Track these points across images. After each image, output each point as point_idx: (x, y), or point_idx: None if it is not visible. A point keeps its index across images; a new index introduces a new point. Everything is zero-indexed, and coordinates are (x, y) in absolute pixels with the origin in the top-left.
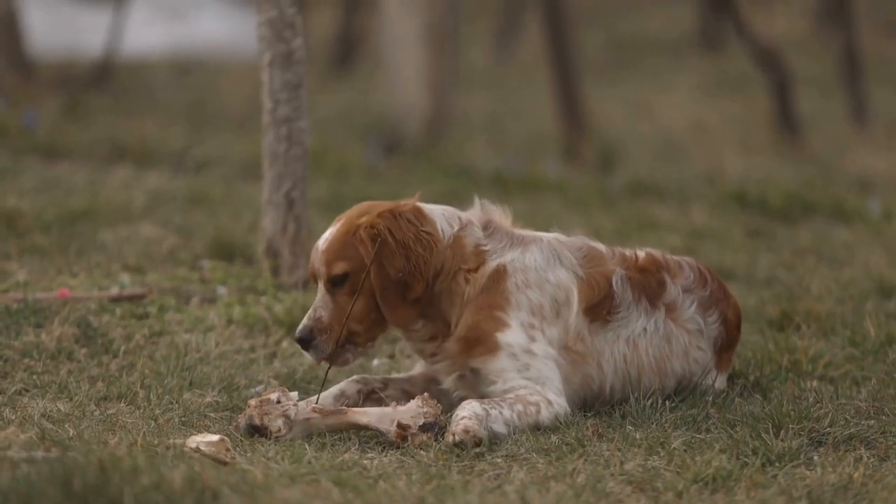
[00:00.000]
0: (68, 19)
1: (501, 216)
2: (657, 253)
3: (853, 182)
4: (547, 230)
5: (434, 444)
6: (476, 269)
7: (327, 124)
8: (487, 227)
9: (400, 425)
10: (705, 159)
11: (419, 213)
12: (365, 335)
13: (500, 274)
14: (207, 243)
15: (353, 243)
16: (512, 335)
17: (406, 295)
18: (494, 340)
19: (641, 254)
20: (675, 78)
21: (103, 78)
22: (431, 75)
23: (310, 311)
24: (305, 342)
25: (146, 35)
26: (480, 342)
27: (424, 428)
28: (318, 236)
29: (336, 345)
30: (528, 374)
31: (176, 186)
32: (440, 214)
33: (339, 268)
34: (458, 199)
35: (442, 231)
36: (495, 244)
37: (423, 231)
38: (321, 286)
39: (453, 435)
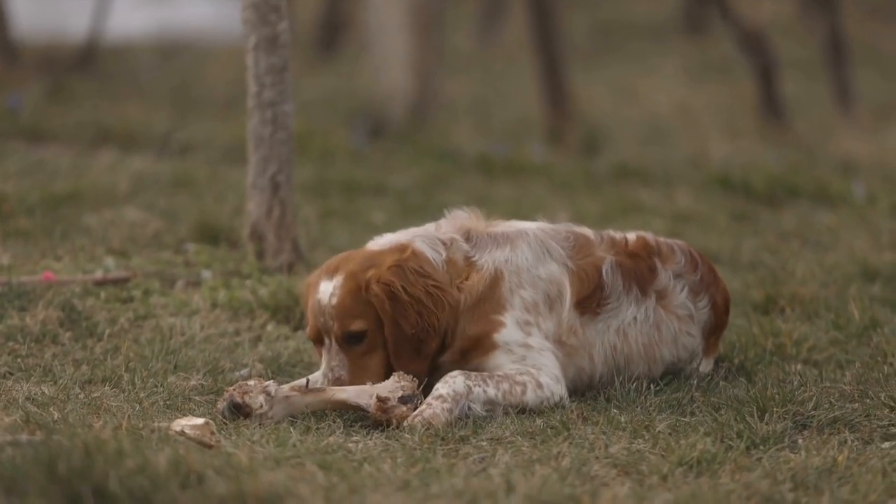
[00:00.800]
0: (53, 2)
1: (475, 219)
2: (649, 236)
3: (837, 166)
4: (529, 217)
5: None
6: (467, 278)
7: (312, 108)
8: (469, 237)
9: (379, 398)
10: (690, 143)
11: (421, 260)
12: None
13: (495, 280)
14: (192, 227)
15: (366, 300)
16: (508, 333)
17: (420, 350)
18: (491, 341)
19: (632, 237)
20: (659, 62)
21: (88, 61)
22: (416, 59)
23: (325, 371)
24: None
25: (131, 18)
26: (478, 345)
27: (403, 400)
28: (303, 220)
29: None
30: (524, 362)
31: (160, 170)
32: (428, 247)
33: (358, 325)
34: (444, 183)
35: (435, 263)
36: (481, 251)
37: (432, 285)
38: (332, 345)
39: (418, 419)
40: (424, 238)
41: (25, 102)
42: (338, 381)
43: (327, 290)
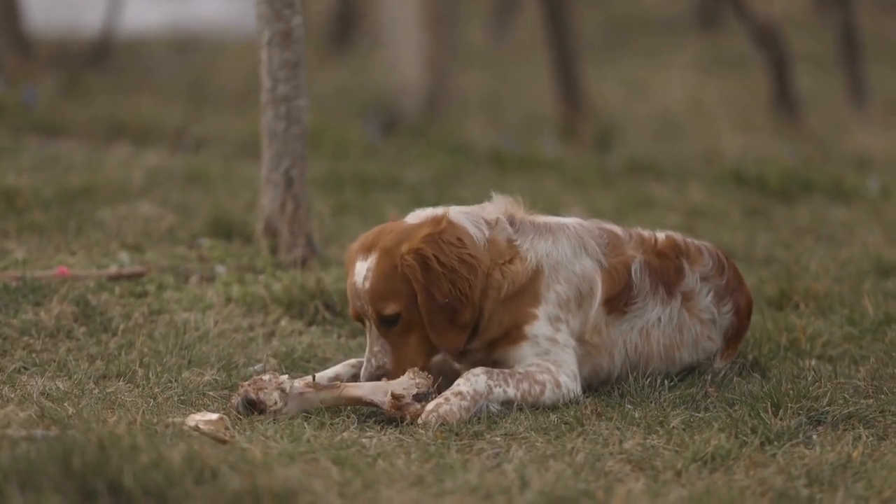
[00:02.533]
0: None
1: (518, 206)
2: (678, 236)
3: (851, 161)
4: (550, 210)
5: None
6: (511, 261)
7: (325, 102)
8: (513, 221)
9: (394, 395)
10: (703, 138)
11: (458, 231)
12: (426, 367)
13: (536, 273)
14: (206, 222)
15: (399, 277)
16: (539, 327)
17: (454, 320)
18: (521, 332)
19: (661, 236)
20: (672, 57)
21: (102, 56)
22: (430, 53)
23: (368, 358)
24: None
25: (145, 13)
26: (508, 335)
27: (418, 398)
28: (317, 215)
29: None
30: (547, 357)
31: (174, 165)
32: (469, 222)
33: (391, 309)
34: (457, 178)
35: (475, 239)
36: (524, 237)
37: (466, 253)
38: (372, 328)
39: (433, 415)
40: (467, 214)
41: (40, 97)
42: (380, 369)
43: (361, 271)
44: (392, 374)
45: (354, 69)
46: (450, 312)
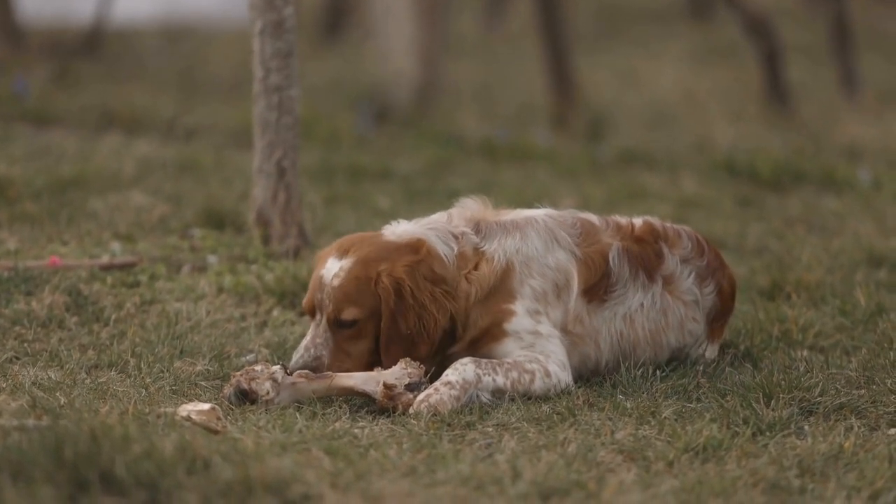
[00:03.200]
0: None
1: (484, 208)
2: (655, 221)
3: (843, 151)
4: (534, 203)
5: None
6: (476, 266)
7: (317, 93)
8: (479, 228)
9: (386, 385)
10: (695, 128)
11: (434, 260)
12: None
13: (506, 272)
14: (198, 212)
15: (368, 289)
16: (518, 322)
17: (410, 351)
18: (501, 329)
19: (638, 222)
20: (664, 47)
21: (93, 45)
22: (421, 44)
23: (307, 346)
24: None
25: (136, 2)
26: (487, 334)
27: (410, 387)
28: (309, 205)
29: None
30: (533, 349)
31: (166, 154)
32: (441, 242)
33: (351, 314)
34: (449, 168)
35: (446, 261)
36: (490, 240)
37: (440, 292)
38: (322, 322)
39: (424, 404)
40: (438, 233)
41: (31, 86)
42: (317, 360)
43: (333, 269)
44: (327, 369)
45: (346, 59)
46: (408, 343)
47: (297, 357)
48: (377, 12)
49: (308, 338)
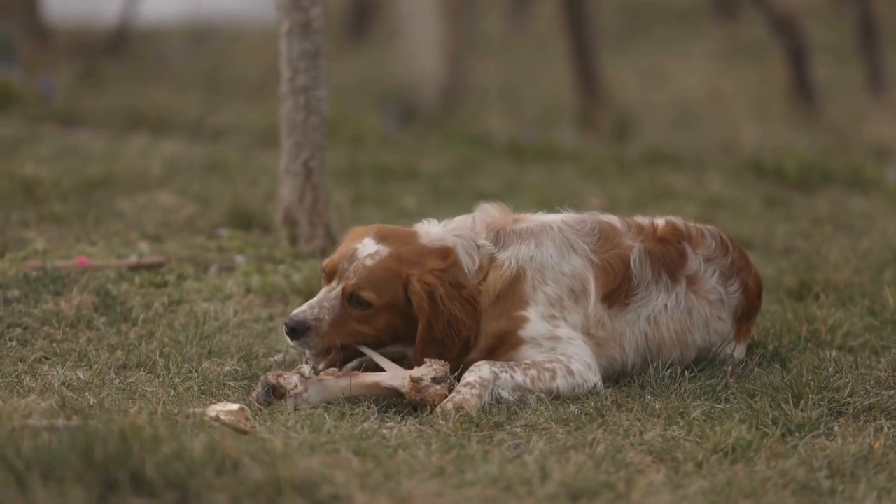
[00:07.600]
0: None
1: (502, 215)
2: (678, 220)
3: (870, 150)
4: (560, 204)
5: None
6: (485, 277)
7: (343, 93)
8: (497, 238)
9: (412, 378)
10: (721, 127)
11: (459, 271)
12: (344, 353)
13: (517, 278)
14: (225, 212)
15: (394, 287)
16: (533, 328)
17: (442, 354)
18: (517, 337)
19: (661, 222)
20: (690, 46)
21: (119, 45)
22: (447, 44)
23: (312, 305)
24: (297, 333)
25: (162, 2)
26: (504, 342)
27: (436, 380)
28: (336, 205)
29: (324, 353)
30: (554, 353)
31: (193, 154)
32: (465, 253)
33: (369, 296)
34: (474, 169)
35: (469, 273)
36: (506, 249)
37: (465, 297)
38: (337, 291)
39: (449, 404)
40: (464, 240)
41: (58, 86)
42: (315, 319)
43: (369, 249)
44: (322, 334)
45: (372, 60)
46: (439, 346)
47: (298, 309)
48: (403, 13)
49: (317, 298)
